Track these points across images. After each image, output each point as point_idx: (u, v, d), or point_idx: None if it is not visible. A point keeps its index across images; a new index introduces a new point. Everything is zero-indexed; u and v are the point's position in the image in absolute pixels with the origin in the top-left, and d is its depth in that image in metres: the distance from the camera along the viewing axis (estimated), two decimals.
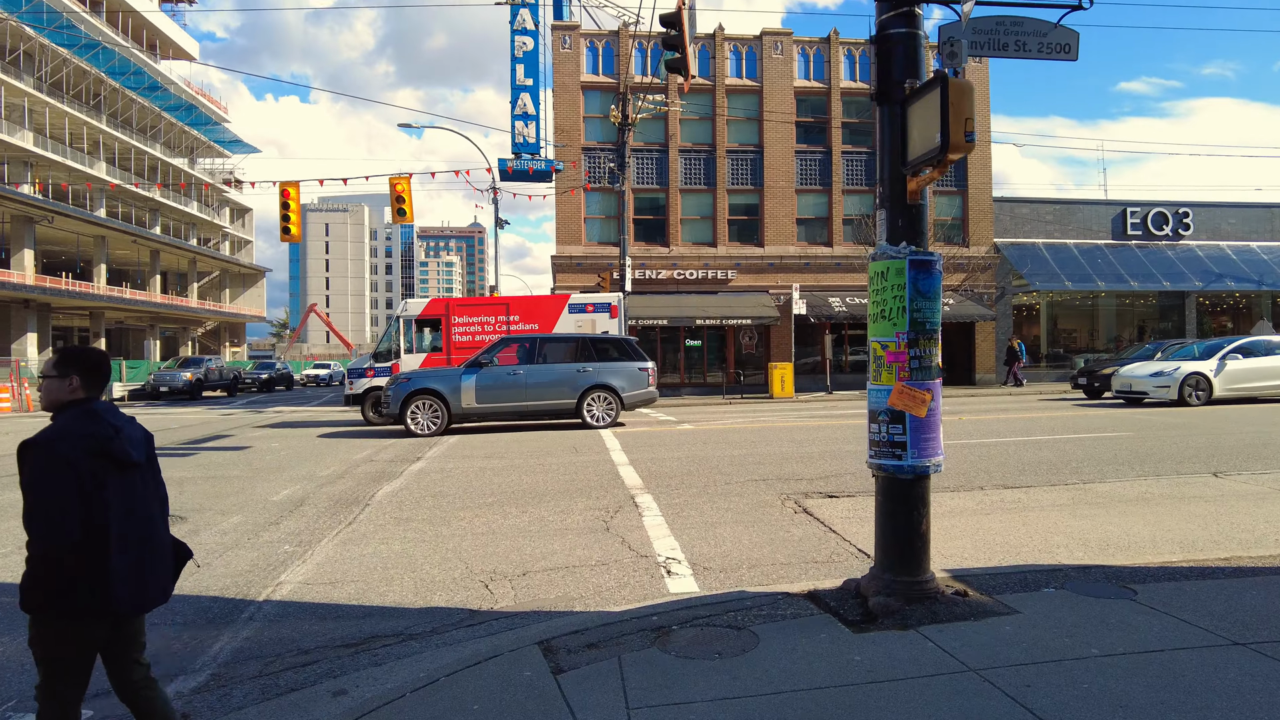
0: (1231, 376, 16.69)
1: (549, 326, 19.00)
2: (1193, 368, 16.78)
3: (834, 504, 7.77)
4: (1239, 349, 17.20)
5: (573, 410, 14.84)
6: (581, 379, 14.89)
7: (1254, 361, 16.97)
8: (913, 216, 4.52)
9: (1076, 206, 30.01)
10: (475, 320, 19.15)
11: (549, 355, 15.13)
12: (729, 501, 7.89)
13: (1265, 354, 17.23)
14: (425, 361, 18.50)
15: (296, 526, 7.25)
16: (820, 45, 28.07)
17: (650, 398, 15.76)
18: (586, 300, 19.62)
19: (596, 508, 7.72)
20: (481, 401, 14.38)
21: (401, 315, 19.21)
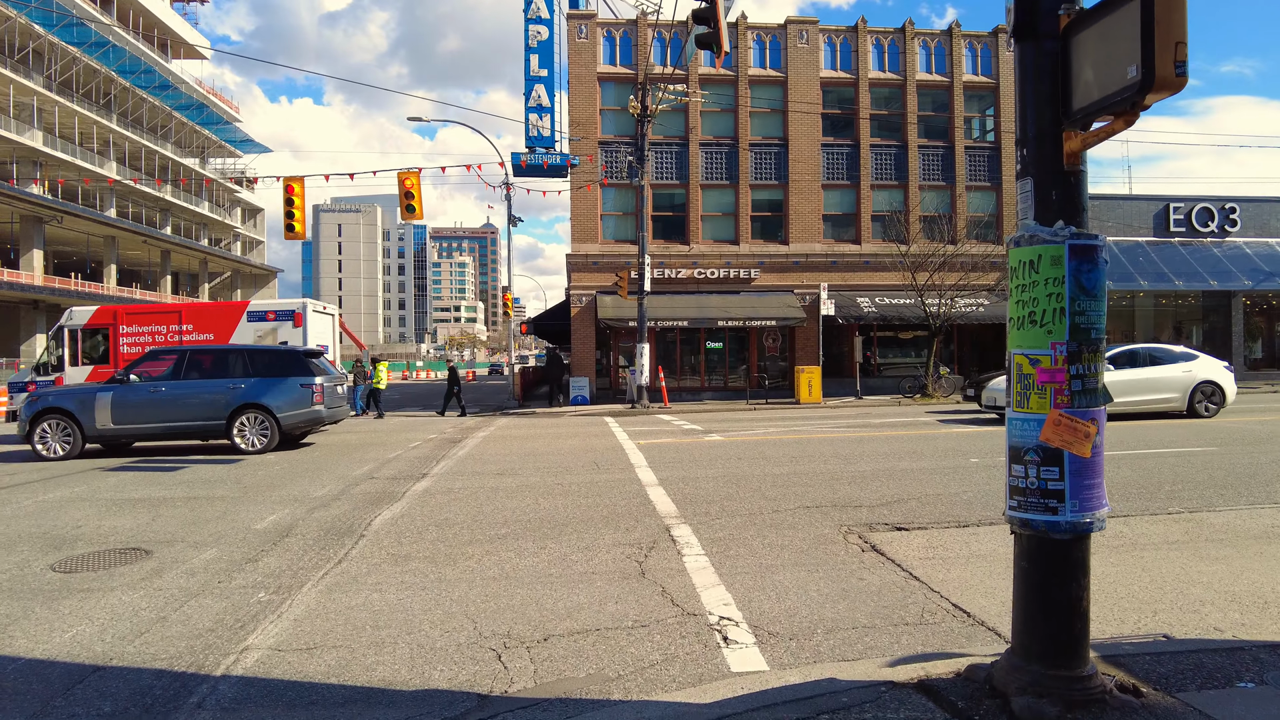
0: None
1: (225, 337, 18.00)
2: None
3: (906, 539, 6.62)
4: (1120, 356, 15.57)
5: (222, 431, 13.12)
6: (232, 396, 13.09)
7: (1131, 373, 15.21)
8: (1071, 188, 3.37)
9: (1116, 202, 28.62)
10: (145, 330, 18.29)
11: (200, 369, 13.43)
12: (782, 536, 6.76)
13: (1148, 363, 15.55)
14: (91, 375, 17.66)
15: (278, 565, 6.19)
16: (847, 34, 26.85)
17: (315, 418, 13.60)
18: (267, 307, 18.60)
19: (627, 542, 6.61)
20: (119, 421, 12.80)
21: (66, 324, 18.28)
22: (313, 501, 8.73)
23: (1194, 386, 15.12)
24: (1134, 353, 15.92)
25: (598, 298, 25.10)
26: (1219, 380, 15.28)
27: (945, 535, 6.72)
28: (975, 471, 9.74)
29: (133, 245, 56.17)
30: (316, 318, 20.24)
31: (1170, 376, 15.20)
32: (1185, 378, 15.17)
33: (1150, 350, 16.07)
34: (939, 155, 27.24)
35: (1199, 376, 15.21)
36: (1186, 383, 15.13)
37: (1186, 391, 15.09)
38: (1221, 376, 15.40)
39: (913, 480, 9.17)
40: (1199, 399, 15.14)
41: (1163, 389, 15.14)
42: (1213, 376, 15.29)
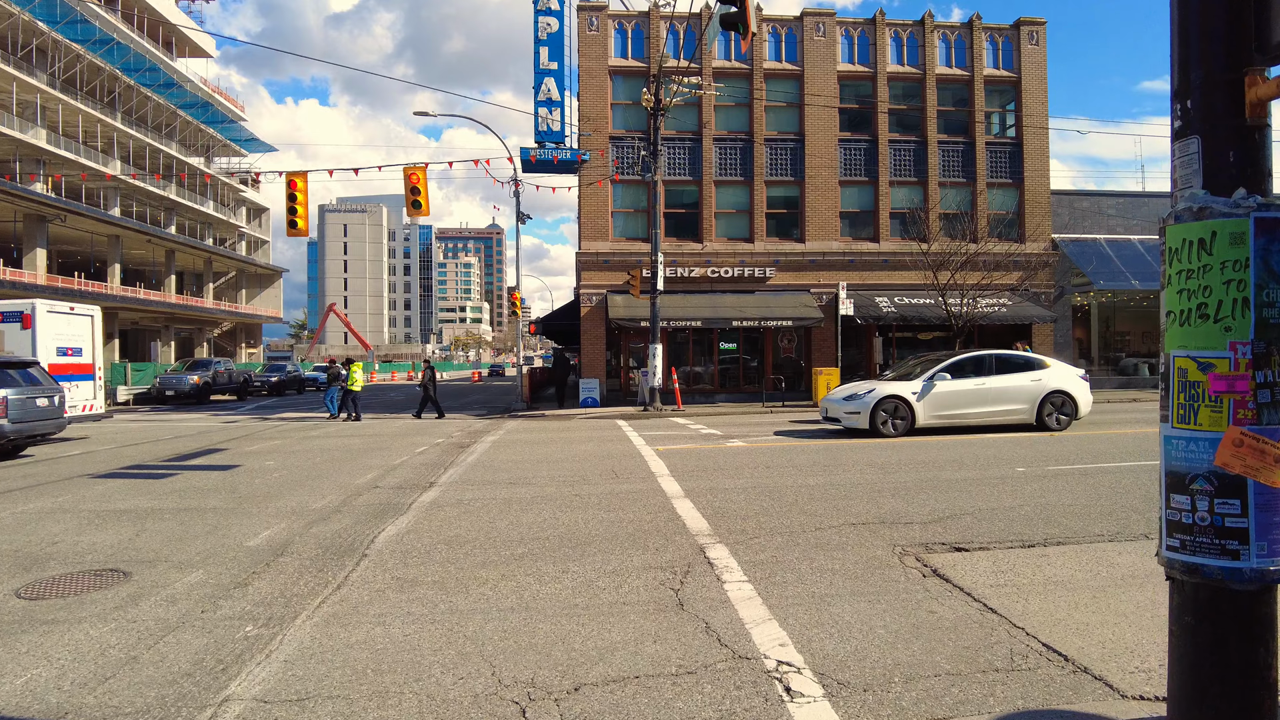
0: (938, 401, 13.77)
1: None
2: (891, 390, 13.82)
3: (969, 562, 5.93)
4: (954, 365, 14.29)
5: None
6: None
7: (965, 382, 14.03)
8: (1254, 147, 2.68)
9: (1142, 200, 27.83)
10: None
11: None
12: (830, 558, 6.07)
13: (984, 372, 14.24)
14: None
15: (269, 590, 5.53)
16: (865, 27, 26.13)
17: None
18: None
19: (658, 565, 5.93)
20: None
21: None
22: (311, 514, 8.08)
23: (1043, 397, 13.91)
24: (980, 359, 14.57)
25: (608, 297, 24.43)
26: (1070, 390, 14.06)
27: (1011, 557, 6.04)
28: (1024, 482, 9.04)
29: (137, 244, 55.72)
30: (53, 320, 17.97)
31: (1017, 386, 13.99)
32: (1034, 387, 13.98)
33: (999, 356, 14.71)
34: (959, 151, 26.49)
35: (1049, 386, 13.98)
36: (1035, 393, 13.93)
37: (1035, 402, 13.91)
38: (1074, 386, 14.16)
39: (960, 492, 8.47)
40: (1048, 410, 13.95)
41: (1008, 399, 13.95)
42: (1064, 386, 14.06)
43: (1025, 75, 26.65)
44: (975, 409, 13.88)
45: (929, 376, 13.96)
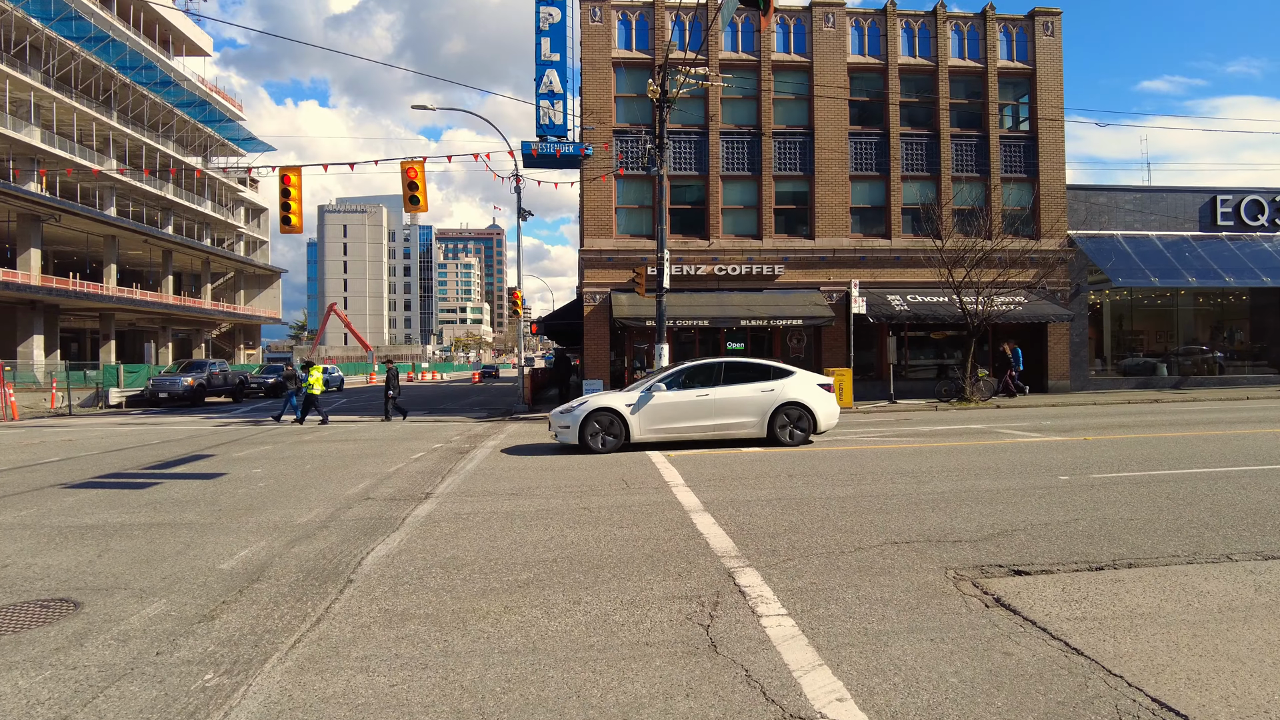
0: (656, 414, 12.61)
1: None
2: (603, 402, 12.69)
3: (1034, 589, 5.21)
4: (678, 375, 13.19)
5: None
6: None
7: (687, 394, 12.86)
8: None
9: (1160, 195, 27.08)
10: None
11: None
12: (877, 584, 5.35)
13: (714, 382, 13.02)
14: None
15: (238, 625, 4.81)
16: (876, 18, 25.40)
17: None
18: None
19: (683, 594, 5.22)
20: None
21: None
22: (295, 530, 7.37)
23: (775, 409, 12.72)
24: (710, 368, 13.33)
25: (612, 295, 23.72)
26: (807, 401, 12.79)
27: (1082, 583, 5.32)
28: (1072, 492, 8.32)
29: (134, 245, 55.08)
30: None
31: (745, 397, 12.81)
32: (765, 399, 12.77)
33: (731, 365, 13.48)
34: (972, 145, 25.76)
35: (783, 397, 12.75)
36: (766, 404, 12.73)
37: (766, 415, 12.72)
38: (812, 396, 12.90)
39: (1005, 505, 7.75)
40: (782, 423, 12.74)
41: (736, 412, 12.78)
42: (800, 397, 12.80)
43: (1040, 67, 25.93)
44: (698, 422, 12.72)
45: (647, 387, 12.88)
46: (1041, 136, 25.85)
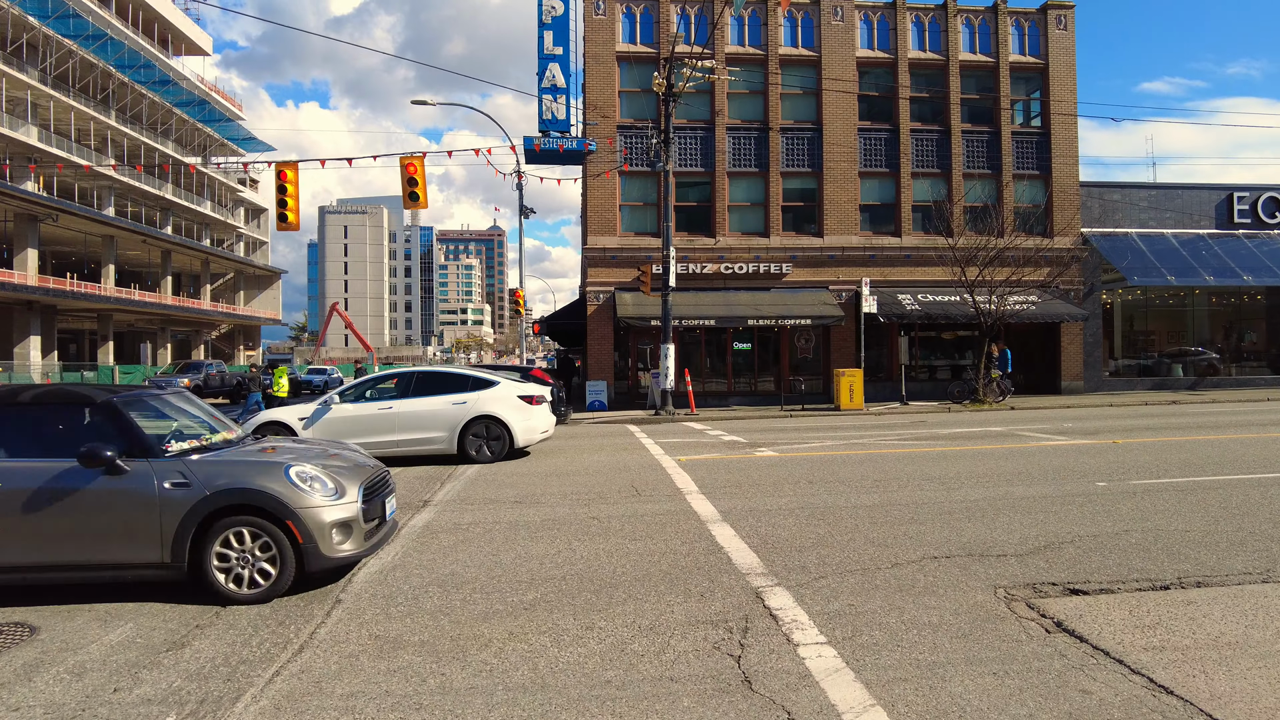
0: (332, 428, 11.26)
1: None
2: (275, 415, 11.56)
3: (1098, 611, 4.68)
4: (363, 386, 12.15)
5: None
6: None
7: (368, 407, 11.67)
8: None
9: (1175, 192, 26.51)
10: None
11: None
12: (922, 606, 4.82)
13: (406, 394, 11.83)
14: None
15: (211, 653, 4.29)
16: (885, 11, 24.88)
17: None
18: None
19: (707, 618, 4.68)
20: None
21: None
22: None
23: (465, 424, 11.51)
24: (407, 378, 12.18)
25: (616, 294, 23.19)
26: (502, 415, 11.58)
27: (1150, 605, 4.79)
28: (1114, 500, 7.78)
29: (132, 245, 54.55)
30: None
31: (434, 411, 11.57)
32: (455, 412, 11.57)
33: (425, 375, 12.22)
34: (984, 141, 25.23)
35: (476, 410, 11.56)
36: (456, 419, 11.55)
37: (455, 430, 11.52)
38: (509, 410, 11.66)
39: (1045, 514, 7.22)
40: (473, 439, 11.53)
41: (424, 427, 11.56)
42: (495, 411, 11.56)
43: (1053, 61, 25.39)
44: (381, 437, 11.35)
45: (325, 400, 11.71)
46: (1054, 132, 25.31)
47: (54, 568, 5.08)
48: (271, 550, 5.16)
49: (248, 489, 5.13)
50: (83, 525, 5.05)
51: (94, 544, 5.07)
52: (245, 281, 71.94)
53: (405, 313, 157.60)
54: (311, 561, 5.18)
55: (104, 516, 5.06)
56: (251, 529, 5.14)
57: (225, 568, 5.14)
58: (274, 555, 5.16)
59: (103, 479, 5.07)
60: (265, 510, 5.14)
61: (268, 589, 5.16)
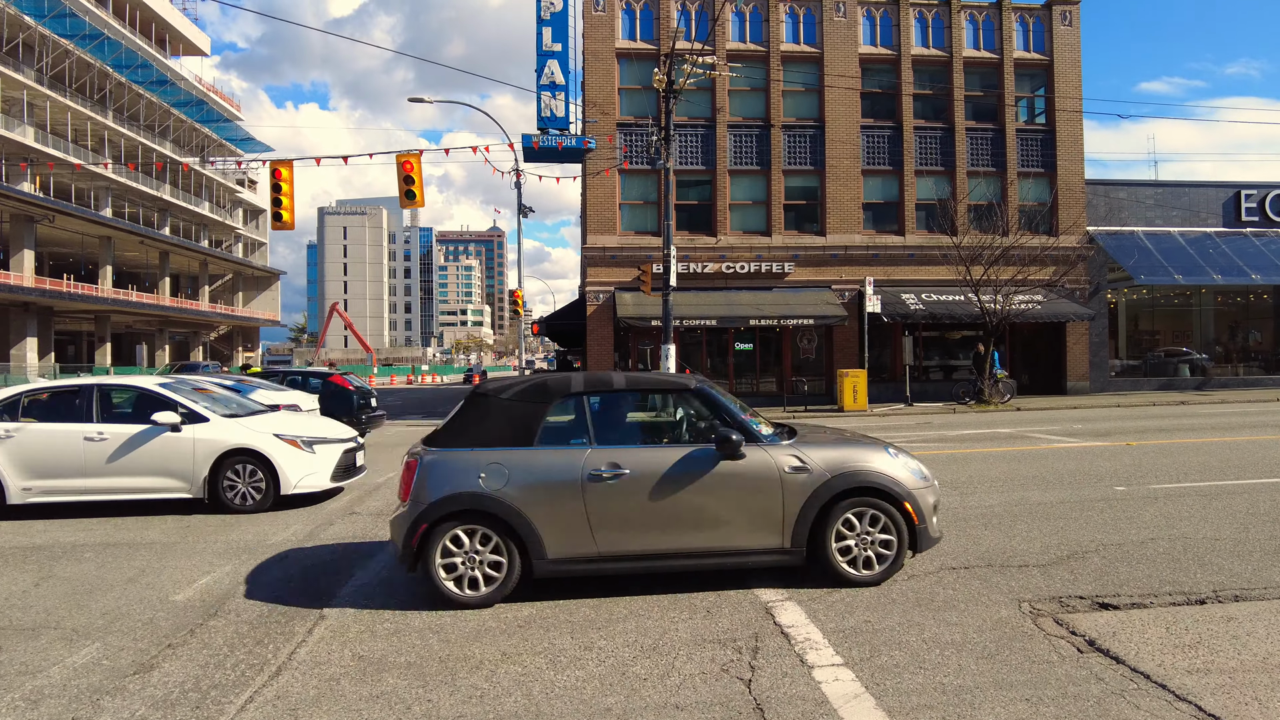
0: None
1: None
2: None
3: (1132, 628, 4.37)
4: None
5: None
6: None
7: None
8: None
9: (1182, 190, 26.19)
10: None
11: None
12: (943, 623, 4.51)
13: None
14: None
15: (181, 678, 3.99)
16: (888, 7, 24.57)
17: None
18: None
19: (714, 636, 4.38)
20: None
21: None
22: (268, 550, 6.54)
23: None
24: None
25: (616, 294, 22.89)
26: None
27: (1187, 621, 4.48)
28: (1136, 506, 7.48)
29: (130, 246, 54.27)
30: None
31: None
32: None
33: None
34: (988, 139, 24.92)
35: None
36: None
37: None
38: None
39: (1065, 520, 6.92)
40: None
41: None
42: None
43: (1057, 58, 25.09)
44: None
45: None
46: (1059, 130, 25.00)
47: (682, 554, 5.07)
48: (890, 533, 5.19)
49: (865, 472, 5.16)
50: (709, 511, 5.04)
51: (716, 530, 5.06)
52: (244, 283, 71.68)
53: (405, 314, 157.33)
54: (922, 542, 5.27)
55: (727, 502, 5.05)
56: (872, 511, 5.17)
57: (843, 549, 5.19)
58: (890, 539, 5.18)
59: (724, 464, 5.05)
60: (884, 493, 5.16)
61: (884, 570, 5.19)
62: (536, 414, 5.13)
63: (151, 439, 8.13)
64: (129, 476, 8.11)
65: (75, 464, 8.03)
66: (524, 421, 5.11)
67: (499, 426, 5.14)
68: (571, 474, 4.95)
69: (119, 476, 8.09)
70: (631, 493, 4.92)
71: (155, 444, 8.13)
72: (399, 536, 4.99)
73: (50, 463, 8.02)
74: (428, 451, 5.10)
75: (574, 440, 5.15)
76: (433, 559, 4.89)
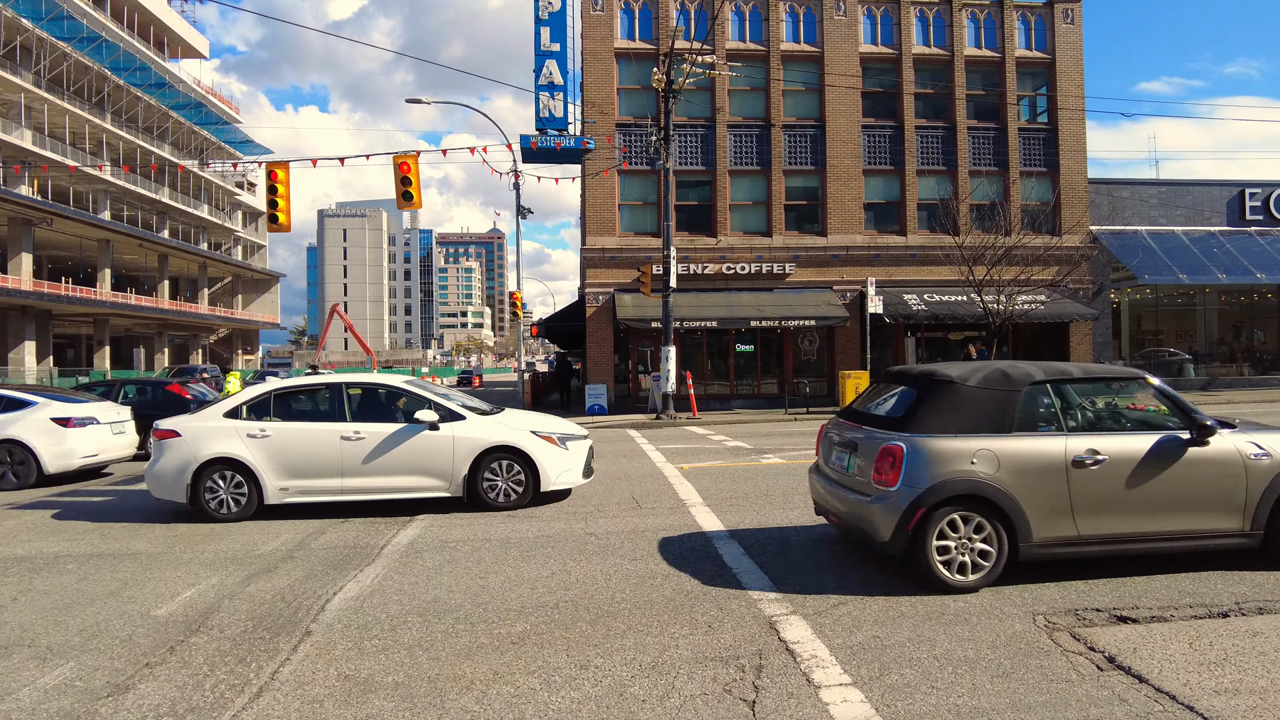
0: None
1: None
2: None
3: (1153, 642, 4.17)
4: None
5: None
6: None
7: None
8: None
9: (1185, 189, 25.99)
10: None
11: None
12: (954, 638, 4.32)
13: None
14: None
15: (157, 700, 3.80)
16: (888, 6, 24.38)
17: None
18: None
19: (716, 654, 4.18)
20: None
21: None
22: (256, 562, 6.35)
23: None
24: None
25: (616, 296, 22.70)
26: None
27: (1211, 636, 4.29)
28: None
29: (129, 249, 54.11)
30: None
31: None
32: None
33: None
34: (990, 138, 24.73)
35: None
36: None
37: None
38: None
39: None
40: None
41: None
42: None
43: (1060, 56, 24.89)
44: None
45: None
46: (1062, 129, 24.81)
47: (1150, 538, 5.25)
48: None
49: None
50: (1178, 495, 5.22)
51: (1182, 514, 5.25)
52: (244, 285, 71.53)
53: (405, 316, 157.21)
54: None
55: (1194, 487, 5.24)
56: None
57: None
58: None
59: (1192, 450, 5.25)
60: None
61: None
62: (1008, 401, 5.24)
63: (410, 437, 8.06)
64: (386, 476, 8.04)
65: (333, 464, 7.98)
66: (997, 408, 5.22)
67: (973, 413, 5.22)
68: (1056, 459, 5.09)
69: (377, 476, 8.03)
70: (1109, 477, 5.10)
71: (414, 442, 8.05)
72: (886, 523, 5.06)
73: (307, 463, 7.98)
74: (910, 438, 5.16)
75: (1042, 426, 5.28)
76: (929, 543, 5.02)
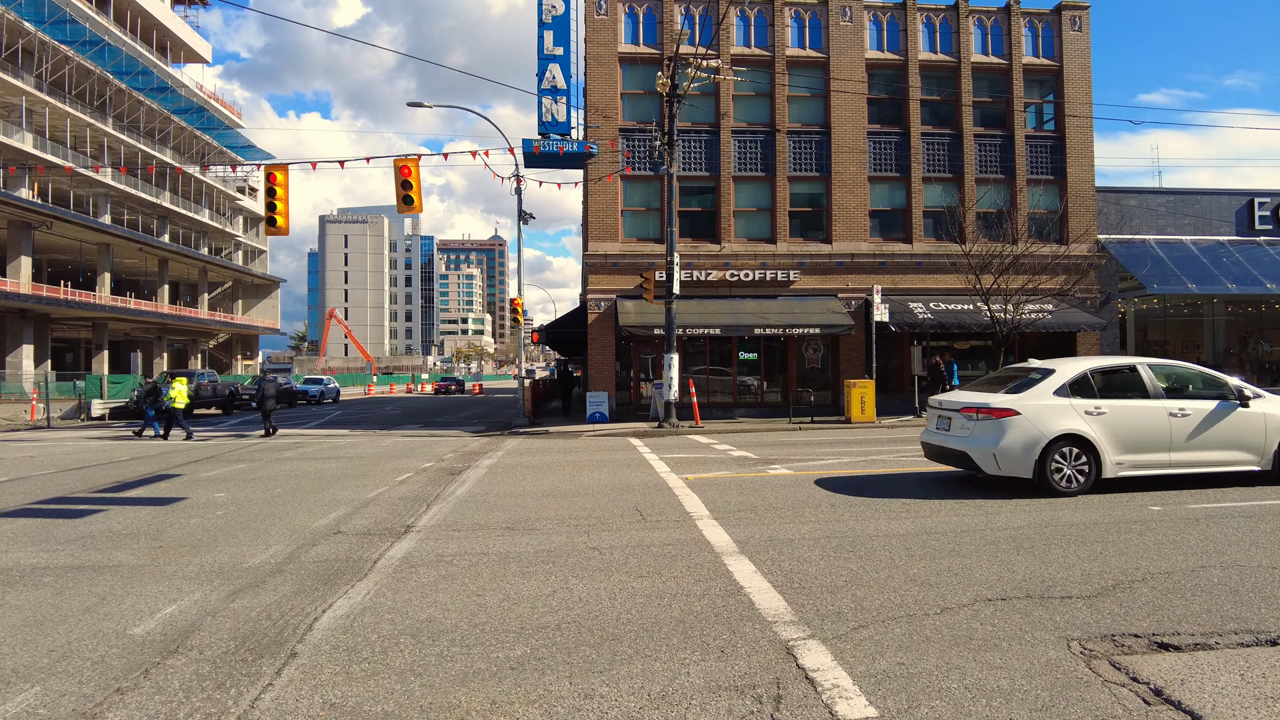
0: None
1: None
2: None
3: (1201, 673, 3.87)
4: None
5: None
6: None
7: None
8: None
9: (1193, 198, 25.78)
10: None
11: None
12: (986, 667, 4.01)
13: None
14: None
15: None
16: (895, 12, 24.22)
17: None
18: None
19: (731, 683, 3.88)
20: None
21: None
22: (243, 575, 6.05)
23: None
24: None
25: (618, 303, 22.45)
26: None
27: (1263, 666, 4.00)
28: (1177, 527, 6.98)
29: (129, 253, 53.94)
30: None
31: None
32: None
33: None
34: (996, 145, 24.52)
35: None
36: None
37: None
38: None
39: (1103, 544, 6.41)
40: None
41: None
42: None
43: (1067, 64, 24.71)
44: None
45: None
46: (1069, 136, 24.60)
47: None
48: None
49: None
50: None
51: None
52: (244, 290, 71.35)
53: (405, 322, 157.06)
54: None
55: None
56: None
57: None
58: None
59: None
60: None
61: None
62: None
63: (1226, 415, 8.84)
64: (1202, 450, 8.79)
65: (1161, 439, 8.69)
66: None
67: None
68: None
69: (1195, 451, 8.77)
70: None
71: (1230, 420, 8.83)
72: None
73: (1138, 438, 8.65)
74: None
75: None
76: None
